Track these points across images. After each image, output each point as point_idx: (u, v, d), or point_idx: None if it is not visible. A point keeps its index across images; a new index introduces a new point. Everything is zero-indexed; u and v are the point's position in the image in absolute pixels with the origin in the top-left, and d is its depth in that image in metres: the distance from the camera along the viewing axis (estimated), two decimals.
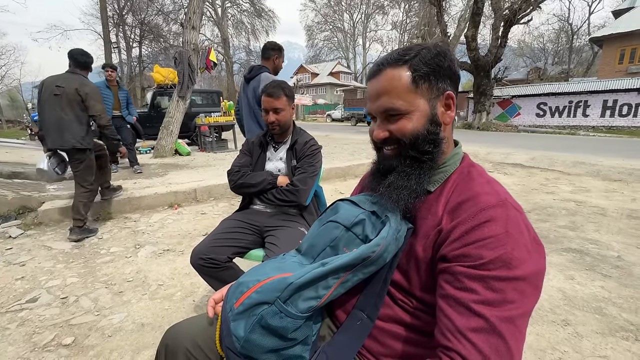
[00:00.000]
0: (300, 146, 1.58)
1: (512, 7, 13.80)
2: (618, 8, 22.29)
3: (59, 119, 2.61)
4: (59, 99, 2.60)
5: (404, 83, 0.62)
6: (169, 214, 3.37)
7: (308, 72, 42.63)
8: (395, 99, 0.62)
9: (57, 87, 2.61)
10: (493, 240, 0.52)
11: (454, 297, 0.51)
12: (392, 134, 0.65)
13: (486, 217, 0.54)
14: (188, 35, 6.52)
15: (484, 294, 0.49)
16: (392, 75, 0.63)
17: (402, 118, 0.63)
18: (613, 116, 14.83)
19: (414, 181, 0.64)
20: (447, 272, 0.54)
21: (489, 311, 0.48)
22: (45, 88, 2.65)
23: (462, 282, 0.51)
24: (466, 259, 0.52)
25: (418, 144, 0.63)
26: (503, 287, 0.49)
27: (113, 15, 22.37)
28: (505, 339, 0.47)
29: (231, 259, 1.40)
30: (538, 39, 36.30)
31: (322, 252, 0.69)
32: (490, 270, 0.50)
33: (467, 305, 0.50)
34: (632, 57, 19.18)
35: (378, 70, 0.65)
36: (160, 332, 1.54)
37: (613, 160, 5.54)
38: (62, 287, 1.98)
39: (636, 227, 2.87)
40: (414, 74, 0.62)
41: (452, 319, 0.50)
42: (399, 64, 0.63)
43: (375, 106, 0.66)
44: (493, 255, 0.50)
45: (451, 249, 0.55)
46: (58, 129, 2.61)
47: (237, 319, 0.60)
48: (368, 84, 0.68)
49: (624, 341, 1.46)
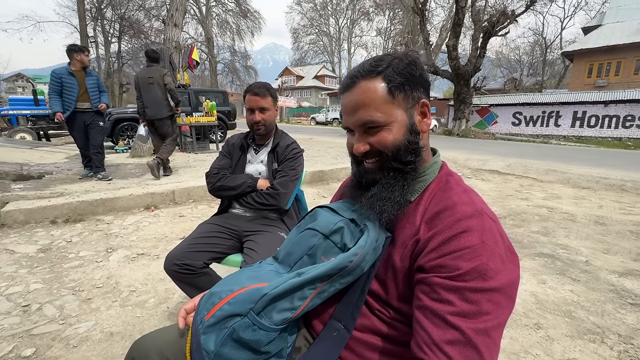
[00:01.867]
0: (282, 149, 1.56)
1: (490, 20, 14.36)
2: (587, 25, 23.71)
3: (154, 98, 4.20)
4: (153, 85, 4.19)
5: (380, 94, 0.61)
6: (144, 216, 3.25)
7: (293, 75, 42.66)
8: (373, 112, 0.61)
9: (149, 78, 4.18)
10: (469, 251, 0.52)
11: (430, 308, 0.51)
12: (373, 147, 0.64)
13: (463, 227, 0.54)
14: (170, 32, 6.37)
15: (460, 306, 0.49)
16: (367, 88, 0.62)
17: (381, 130, 0.62)
18: (582, 127, 15.68)
19: (398, 192, 0.63)
20: (424, 283, 0.54)
21: (464, 323, 0.48)
22: (140, 79, 4.23)
23: (439, 294, 0.51)
24: (443, 269, 0.52)
25: (400, 155, 0.63)
26: (478, 299, 0.49)
27: (91, 8, 21.52)
28: (480, 352, 0.47)
29: (207, 265, 1.35)
30: (514, 51, 37.97)
31: (299, 261, 0.67)
32: (467, 282, 0.50)
33: (442, 317, 0.49)
34: (600, 71, 20.43)
35: (352, 83, 0.63)
36: (131, 342, 1.47)
37: (582, 169, 5.84)
38: (24, 294, 1.85)
39: (602, 232, 3.02)
40: (389, 85, 0.61)
41: (428, 331, 0.50)
42: (373, 75, 0.62)
43: (353, 120, 0.64)
44: (469, 266, 0.51)
45: (428, 260, 0.54)
46: (155, 105, 4.21)
47: (208, 332, 0.57)
48: (343, 97, 0.66)
49: (591, 343, 1.52)
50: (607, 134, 14.97)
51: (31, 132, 8.99)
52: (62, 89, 3.87)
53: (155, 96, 4.16)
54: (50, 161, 5.48)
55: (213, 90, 10.41)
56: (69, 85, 3.88)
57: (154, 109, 4.20)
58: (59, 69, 3.92)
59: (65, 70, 3.90)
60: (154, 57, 4.37)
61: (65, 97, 3.90)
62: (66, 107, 3.91)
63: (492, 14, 14.96)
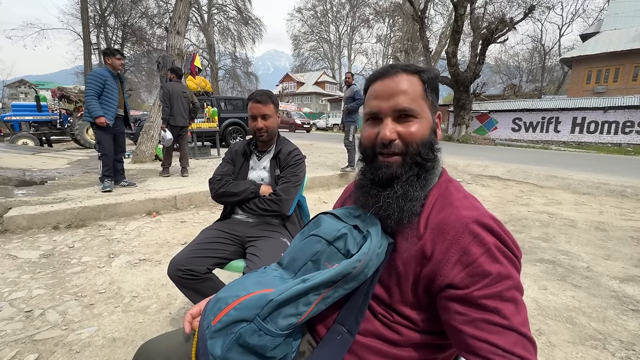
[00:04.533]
0: (284, 155, 1.58)
1: (489, 27, 14.52)
2: (585, 32, 23.91)
3: (183, 109, 4.94)
4: (185, 99, 4.97)
5: (418, 89, 0.65)
6: (146, 222, 3.26)
7: (294, 81, 42.90)
8: (411, 101, 0.64)
9: (183, 92, 4.95)
10: (489, 254, 0.55)
11: (482, 319, 0.52)
12: (402, 137, 0.64)
13: (475, 232, 0.57)
14: (173, 40, 6.43)
15: (505, 308, 0.52)
16: (408, 79, 0.65)
17: (413, 122, 0.64)
18: (582, 132, 15.73)
19: (420, 190, 0.64)
20: (465, 300, 0.54)
21: (515, 321, 0.52)
22: (174, 91, 4.82)
23: (484, 305, 0.53)
24: (475, 279, 0.54)
25: (424, 151, 0.65)
26: (513, 295, 0.54)
27: (94, 16, 21.77)
28: (531, 340, 0.52)
29: (211, 270, 1.36)
30: (513, 57, 38.31)
31: (303, 267, 0.68)
32: (500, 283, 0.54)
33: (499, 324, 0.52)
34: (598, 78, 20.55)
35: (391, 70, 0.66)
36: (133, 348, 1.47)
37: (582, 175, 5.85)
38: (26, 300, 1.85)
39: (603, 238, 3.02)
40: (425, 85, 0.66)
41: (491, 341, 0.51)
42: (412, 71, 0.66)
43: (388, 104, 0.64)
44: (496, 268, 0.54)
45: (456, 273, 0.56)
46: (182, 115, 4.94)
47: (215, 337, 0.59)
48: (376, 83, 0.67)
49: (593, 350, 1.52)
50: (606, 139, 15.00)
51: (33, 138, 9.05)
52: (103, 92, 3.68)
53: (184, 108, 4.99)
54: (53, 167, 5.51)
55: (235, 98, 10.77)
56: (111, 89, 3.73)
57: (182, 119, 4.96)
58: (100, 69, 3.75)
59: (108, 72, 3.74)
60: (180, 74, 5.24)
61: (108, 101, 3.71)
62: (110, 112, 3.72)
63: (491, 21, 15.15)
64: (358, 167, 0.75)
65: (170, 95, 4.79)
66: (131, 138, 8.92)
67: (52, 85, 22.54)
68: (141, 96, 35.40)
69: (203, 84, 8.99)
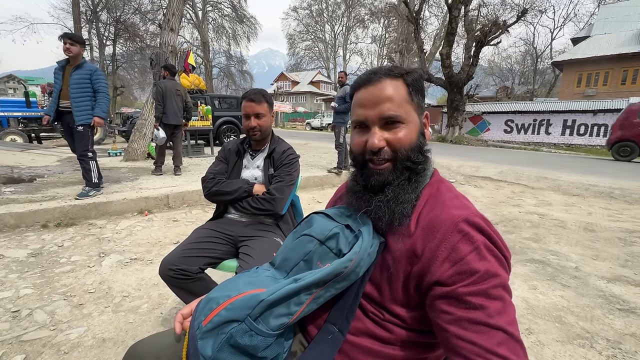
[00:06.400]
0: (278, 155, 1.57)
1: (483, 29, 14.70)
2: (576, 36, 24.35)
3: (176, 107, 4.87)
4: (178, 97, 4.90)
5: (403, 93, 0.65)
6: (138, 221, 3.22)
7: (289, 80, 42.83)
8: (397, 107, 0.64)
9: (177, 90, 4.88)
10: (477, 252, 0.55)
11: (467, 318, 0.52)
12: (390, 144, 0.65)
13: (464, 230, 0.57)
14: (166, 36, 6.36)
15: (492, 306, 0.52)
16: (392, 84, 0.65)
17: (400, 127, 0.64)
18: (572, 135, 16.01)
19: (411, 193, 0.65)
20: (451, 296, 0.54)
21: (501, 320, 0.51)
22: (168, 89, 4.76)
23: (469, 302, 0.52)
24: (462, 276, 0.54)
25: (413, 155, 0.65)
26: (500, 294, 0.53)
27: (86, 11, 21.40)
28: (518, 340, 0.51)
29: (203, 270, 1.35)
30: (506, 59, 38.75)
31: (295, 266, 0.68)
32: (487, 281, 0.53)
33: (483, 323, 0.51)
34: (589, 81, 20.94)
35: (375, 77, 0.66)
36: (123, 348, 1.45)
37: (572, 176, 5.95)
38: (13, 300, 1.82)
39: (592, 239, 3.08)
40: (409, 88, 0.65)
41: (474, 341, 0.50)
42: (395, 75, 0.65)
43: (374, 113, 0.64)
44: (483, 266, 0.54)
45: (444, 271, 0.55)
46: (176, 114, 4.89)
47: (205, 337, 0.58)
48: (360, 91, 0.67)
49: (580, 348, 1.55)
50: (596, 142, 15.28)
51: (22, 135, 8.87)
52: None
53: (178, 106, 4.93)
54: (42, 164, 5.40)
55: (229, 96, 10.66)
56: (56, 80, 3.35)
57: (175, 117, 4.93)
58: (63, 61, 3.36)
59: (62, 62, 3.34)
60: (174, 72, 5.20)
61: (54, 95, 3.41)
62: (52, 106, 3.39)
63: (485, 24, 15.33)
64: (349, 171, 0.76)
65: (163, 93, 4.74)
66: (123, 136, 8.84)
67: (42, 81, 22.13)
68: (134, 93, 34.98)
69: (197, 81, 8.91)
